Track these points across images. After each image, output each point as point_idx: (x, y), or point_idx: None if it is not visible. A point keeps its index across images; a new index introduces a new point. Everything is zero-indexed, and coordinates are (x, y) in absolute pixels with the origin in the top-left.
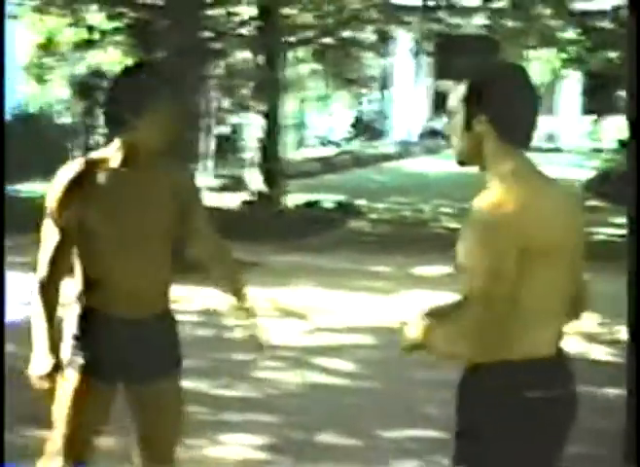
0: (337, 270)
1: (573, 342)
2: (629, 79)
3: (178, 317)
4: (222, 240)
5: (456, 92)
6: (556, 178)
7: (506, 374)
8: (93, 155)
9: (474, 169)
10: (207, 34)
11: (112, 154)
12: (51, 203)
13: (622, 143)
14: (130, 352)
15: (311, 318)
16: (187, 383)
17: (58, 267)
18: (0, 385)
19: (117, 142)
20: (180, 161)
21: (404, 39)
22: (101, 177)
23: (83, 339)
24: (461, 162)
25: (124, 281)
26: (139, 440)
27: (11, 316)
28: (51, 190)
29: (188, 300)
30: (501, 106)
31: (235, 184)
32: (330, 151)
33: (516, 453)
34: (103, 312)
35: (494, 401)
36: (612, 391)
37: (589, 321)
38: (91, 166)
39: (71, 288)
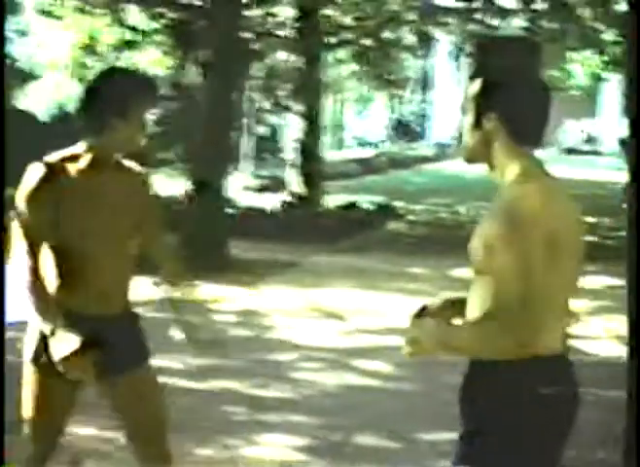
0: (375, 272)
1: (611, 346)
2: (629, 78)
3: (216, 317)
4: (167, 240)
5: (468, 90)
6: (559, 178)
7: (513, 371)
8: (61, 154)
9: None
10: (246, 35)
11: (80, 154)
12: (21, 203)
13: None
14: (103, 349)
15: (349, 319)
16: (224, 383)
17: (37, 261)
18: (0, 385)
19: (85, 143)
20: (137, 162)
21: (443, 40)
22: (70, 178)
23: (53, 336)
24: (469, 160)
25: (94, 280)
26: (128, 438)
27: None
28: (21, 190)
29: (226, 300)
30: (511, 105)
31: (274, 184)
32: (368, 152)
33: (522, 452)
34: (74, 310)
35: (501, 399)
36: None
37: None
38: (60, 167)
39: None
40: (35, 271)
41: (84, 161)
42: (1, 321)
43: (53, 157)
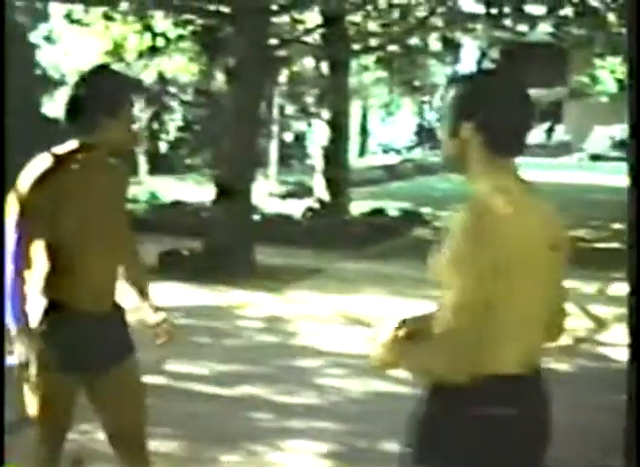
0: (401, 278)
1: None
2: (630, 79)
3: (242, 323)
4: (134, 243)
5: (447, 97)
6: (539, 190)
7: (469, 390)
8: (56, 152)
9: (547, 177)
10: (273, 41)
11: (73, 153)
12: (19, 198)
13: None
14: (90, 344)
15: (375, 326)
16: (249, 389)
17: (30, 258)
18: (0, 385)
19: (77, 141)
20: (119, 161)
21: (469, 46)
22: (66, 175)
23: (47, 332)
24: (450, 169)
25: (88, 277)
26: (106, 432)
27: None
28: (18, 186)
29: (251, 306)
30: (488, 114)
31: (300, 191)
32: (393, 159)
33: None
34: (68, 306)
35: (456, 418)
36: None
37: None
38: (57, 165)
39: (33, 283)
40: (21, 271)
41: (78, 160)
42: (1, 321)
43: (50, 155)
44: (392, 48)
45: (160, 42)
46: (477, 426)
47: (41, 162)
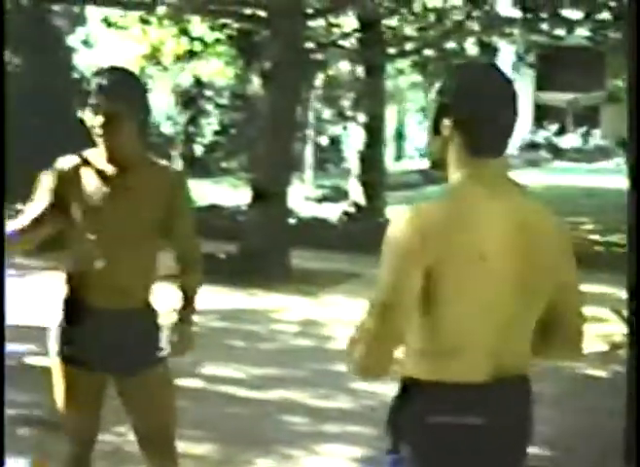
0: None
1: None
2: (630, 78)
3: (277, 327)
4: (197, 248)
5: (431, 94)
6: (529, 192)
7: (433, 396)
8: (88, 152)
9: (584, 181)
10: (308, 45)
11: (101, 153)
12: (47, 178)
13: None
14: (115, 343)
15: None
16: (285, 393)
17: (38, 223)
18: (0, 385)
19: (105, 141)
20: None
21: (505, 51)
22: (92, 174)
23: (68, 329)
24: (433, 166)
25: (110, 275)
26: (135, 433)
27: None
28: (50, 169)
29: (287, 310)
30: (466, 111)
31: (335, 194)
32: (429, 163)
33: None
34: (88, 304)
35: (419, 424)
36: None
37: None
38: (85, 163)
39: (58, 280)
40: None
41: (103, 160)
42: (1, 322)
43: (81, 153)
44: (428, 52)
45: (197, 46)
46: (419, 432)
47: (69, 159)
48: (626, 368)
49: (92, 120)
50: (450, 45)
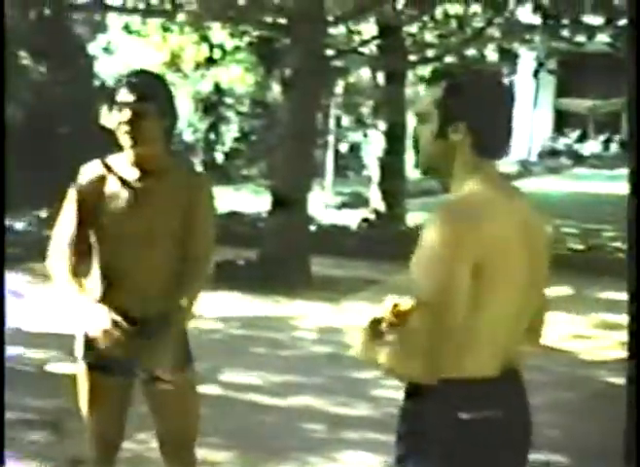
0: None
1: None
2: (630, 78)
3: (297, 334)
4: (208, 257)
5: (428, 97)
6: (524, 193)
7: (444, 393)
8: (112, 158)
9: (605, 188)
10: (329, 52)
11: (125, 157)
12: (74, 193)
13: None
14: (139, 349)
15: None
16: (305, 400)
17: (74, 247)
18: (0, 385)
19: (130, 139)
20: (193, 165)
21: (526, 57)
22: (117, 180)
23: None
24: (425, 172)
25: (134, 279)
26: (158, 438)
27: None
28: (76, 183)
29: (307, 317)
30: (481, 114)
31: (355, 201)
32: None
33: None
34: (115, 310)
35: (432, 422)
36: None
37: None
38: (109, 169)
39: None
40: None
41: (128, 166)
42: (1, 322)
43: (105, 159)
44: (449, 59)
45: (217, 53)
46: (451, 429)
47: (93, 167)
48: (626, 370)
49: (118, 117)
50: (471, 51)
